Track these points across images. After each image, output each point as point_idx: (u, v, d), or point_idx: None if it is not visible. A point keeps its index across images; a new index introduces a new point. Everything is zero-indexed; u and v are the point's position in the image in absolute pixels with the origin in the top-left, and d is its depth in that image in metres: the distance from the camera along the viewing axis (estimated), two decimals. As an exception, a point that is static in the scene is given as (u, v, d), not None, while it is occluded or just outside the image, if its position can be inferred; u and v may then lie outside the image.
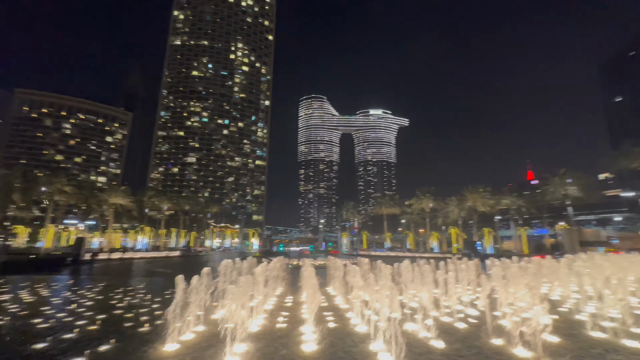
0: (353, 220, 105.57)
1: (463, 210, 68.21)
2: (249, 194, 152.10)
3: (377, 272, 13.70)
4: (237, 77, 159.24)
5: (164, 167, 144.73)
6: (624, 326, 7.97)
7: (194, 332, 8.08)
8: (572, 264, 17.57)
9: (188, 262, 45.87)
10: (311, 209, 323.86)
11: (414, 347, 7.03)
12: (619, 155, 59.21)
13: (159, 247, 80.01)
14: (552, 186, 60.11)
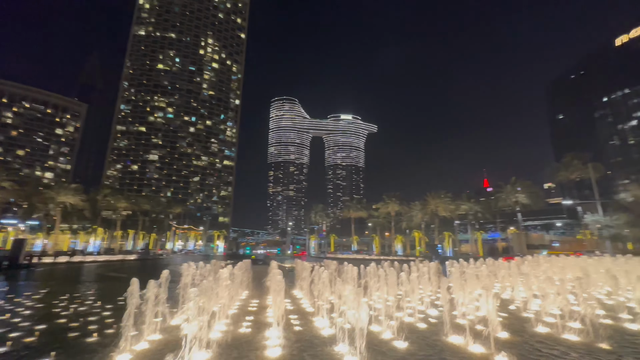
0: (322, 223, 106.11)
1: (426, 215, 71.47)
2: (215, 194, 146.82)
3: (344, 275, 13.84)
4: (206, 74, 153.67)
5: (122, 164, 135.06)
6: (564, 321, 8.76)
7: (149, 341, 7.55)
8: (520, 265, 19.10)
9: (146, 265, 43.04)
10: (280, 212, 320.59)
11: (377, 347, 7.16)
12: (561, 167, 65.77)
13: (113, 249, 74.32)
14: (505, 193, 65.11)
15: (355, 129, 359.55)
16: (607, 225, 46.35)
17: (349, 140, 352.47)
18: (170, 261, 52.69)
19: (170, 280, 9.37)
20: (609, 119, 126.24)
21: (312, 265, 15.54)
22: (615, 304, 10.97)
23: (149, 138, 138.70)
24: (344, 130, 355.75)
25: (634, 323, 9.29)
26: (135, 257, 59.63)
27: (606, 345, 7.34)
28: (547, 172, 74.22)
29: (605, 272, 16.11)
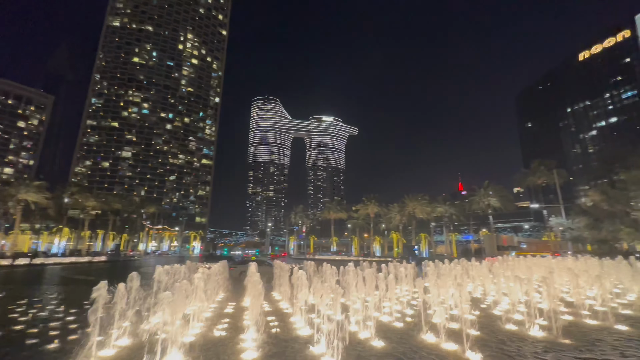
0: (301, 224, 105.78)
1: (404, 217, 73.09)
2: (192, 194, 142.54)
3: (323, 276, 13.84)
4: (185, 70, 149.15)
5: (91, 160, 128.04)
6: (531, 318, 9.21)
7: (117, 347, 7.16)
8: (491, 265, 19.94)
9: (116, 267, 41.02)
10: (259, 212, 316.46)
11: (355, 347, 7.20)
12: (529, 172, 69.55)
13: (80, 251, 70.20)
14: (478, 197, 67.89)
15: (336, 130, 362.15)
16: (569, 227, 49.48)
17: (330, 141, 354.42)
18: (143, 263, 50.49)
19: (142, 283, 8.96)
20: (572, 129, 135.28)
21: (291, 267, 15.43)
22: (576, 301, 11.67)
23: (122, 134, 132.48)
24: (325, 132, 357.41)
25: (593, 319, 9.94)
26: (105, 259, 56.64)
27: (568, 340, 7.79)
28: (516, 177, 78.18)
29: (567, 271, 17.13)
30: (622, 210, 43.12)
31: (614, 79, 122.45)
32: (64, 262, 46.52)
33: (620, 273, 16.32)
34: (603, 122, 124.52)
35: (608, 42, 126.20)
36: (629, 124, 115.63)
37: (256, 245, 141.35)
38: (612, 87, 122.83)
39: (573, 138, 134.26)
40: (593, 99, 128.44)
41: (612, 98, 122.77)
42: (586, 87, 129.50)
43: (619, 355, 6.76)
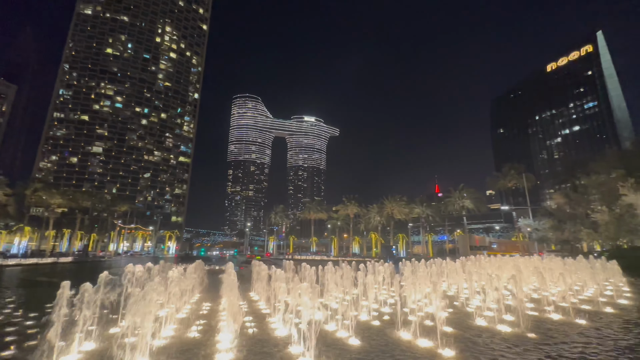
0: (281, 224, 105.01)
1: (382, 217, 74.38)
2: (168, 192, 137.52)
3: (301, 276, 13.78)
4: (162, 63, 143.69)
5: (58, 155, 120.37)
6: (499, 314, 9.64)
7: (82, 352, 6.75)
8: (464, 265, 20.70)
9: (83, 269, 38.83)
10: (238, 212, 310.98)
11: (332, 346, 7.21)
12: (500, 176, 72.90)
13: (44, 251, 65.81)
14: (453, 199, 70.32)
15: (318, 131, 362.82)
16: (535, 228, 52.30)
17: (311, 142, 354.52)
18: (113, 264, 48.14)
19: (111, 285, 8.52)
20: (539, 136, 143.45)
21: (270, 266, 15.26)
22: (541, 298, 12.36)
23: (92, 128, 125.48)
24: (307, 132, 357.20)
25: (556, 314, 10.54)
26: (72, 260, 53.46)
27: (533, 335, 8.22)
28: (489, 180, 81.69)
29: (534, 269, 18.09)
30: (583, 212, 46.17)
31: (577, 90, 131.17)
32: (24, 263, 43.46)
33: (580, 271, 17.47)
34: (567, 130, 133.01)
35: (573, 55, 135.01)
36: (590, 132, 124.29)
37: (235, 245, 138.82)
38: (575, 98, 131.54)
39: (540, 144, 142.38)
40: (559, 108, 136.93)
41: (576, 108, 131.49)
42: (553, 96, 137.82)
43: (580, 347, 7.20)
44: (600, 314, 10.73)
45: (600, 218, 35.24)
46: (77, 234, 77.02)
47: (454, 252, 73.07)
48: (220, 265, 35.72)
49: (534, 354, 6.80)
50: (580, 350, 7.06)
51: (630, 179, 30.36)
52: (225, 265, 17.16)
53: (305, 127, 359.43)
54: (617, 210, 32.26)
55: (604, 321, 9.72)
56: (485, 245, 73.42)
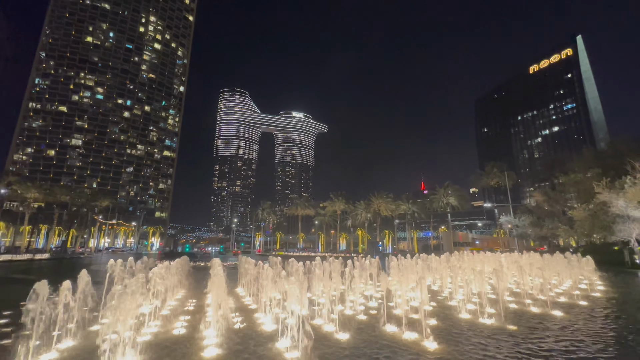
0: (269, 220, 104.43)
1: (369, 214, 75.12)
2: (152, 187, 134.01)
3: (289, 272, 13.76)
4: (146, 54, 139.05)
5: (34, 147, 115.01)
6: (482, 308, 9.93)
7: (60, 350, 6.52)
8: (448, 260, 21.19)
9: (61, 266, 37.44)
10: (224, 208, 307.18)
11: (319, 340, 7.24)
12: (483, 174, 74.89)
13: (19, 247, 63.11)
14: (438, 196, 71.76)
15: (306, 127, 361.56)
16: (516, 225, 54.16)
17: (299, 138, 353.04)
18: (93, 260, 46.69)
19: (92, 282, 8.25)
20: (521, 135, 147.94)
21: (256, 263, 15.17)
22: (521, 291, 12.81)
23: (71, 120, 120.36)
24: (295, 128, 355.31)
25: (535, 307, 10.96)
26: (49, 257, 51.49)
27: (513, 326, 8.52)
28: (472, 178, 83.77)
29: (514, 264, 18.75)
30: (560, 210, 48.13)
31: (557, 91, 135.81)
32: (-3, 260, 41.52)
33: (557, 266, 18.20)
34: (547, 131, 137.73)
35: (554, 58, 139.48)
36: (569, 133, 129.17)
37: (220, 242, 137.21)
38: (555, 99, 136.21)
39: (521, 144, 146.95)
40: (539, 109, 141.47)
41: (555, 109, 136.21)
42: (534, 97, 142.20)
43: (554, 338, 7.52)
44: (575, 306, 11.23)
45: (576, 215, 36.79)
46: (54, 229, 74.18)
47: (439, 248, 74.75)
48: (205, 262, 35.29)
49: (511, 342, 7.05)
50: (554, 338, 7.36)
51: (604, 178, 31.78)
52: (210, 261, 16.87)
53: (293, 122, 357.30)
54: (592, 207, 33.76)
55: (577, 311, 10.18)
56: (468, 241, 75.52)
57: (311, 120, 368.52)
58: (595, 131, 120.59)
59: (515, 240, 54.24)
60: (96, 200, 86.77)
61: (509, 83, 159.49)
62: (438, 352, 6.52)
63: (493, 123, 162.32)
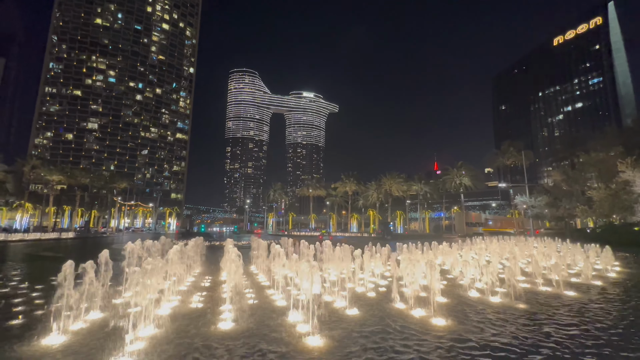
0: (280, 201, 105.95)
1: (381, 194, 74.98)
2: (167, 169, 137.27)
3: (299, 251, 14.09)
4: (155, 35, 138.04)
5: (53, 131, 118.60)
6: (493, 287, 9.97)
7: (87, 321, 7.01)
8: (460, 240, 21.15)
9: (86, 244, 39.49)
10: (237, 189, 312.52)
11: (330, 315, 7.51)
12: (499, 153, 72.77)
13: (46, 227, 66.67)
14: (451, 176, 70.60)
15: (317, 107, 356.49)
16: (531, 205, 53.04)
17: (310, 118, 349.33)
18: (115, 240, 48.97)
19: (114, 259, 8.69)
20: (541, 112, 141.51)
21: (269, 242, 15.57)
22: (533, 271, 12.72)
23: (86, 103, 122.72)
24: (306, 108, 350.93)
25: (546, 287, 10.93)
26: (74, 236, 54.27)
27: (522, 305, 8.56)
28: (487, 158, 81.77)
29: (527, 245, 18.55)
30: (579, 189, 46.61)
31: (583, 65, 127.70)
32: (27, 238, 44.10)
33: (572, 247, 17.90)
34: (569, 107, 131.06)
35: (581, 28, 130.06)
36: (592, 109, 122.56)
37: (234, 222, 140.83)
38: (580, 73, 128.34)
39: (541, 121, 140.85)
40: (563, 84, 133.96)
41: (580, 84, 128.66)
42: (558, 72, 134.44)
43: (565, 315, 7.53)
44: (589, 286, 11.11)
45: (595, 195, 35.64)
46: (77, 210, 77.66)
47: (450, 229, 74.44)
48: (221, 241, 36.41)
49: (521, 319, 7.11)
50: (565, 316, 7.37)
51: (629, 156, 30.37)
52: (224, 241, 17.41)
53: (304, 103, 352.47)
54: (613, 187, 32.57)
55: (591, 292, 10.10)
56: (481, 222, 74.74)
57: (322, 100, 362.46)
58: (622, 106, 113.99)
59: (530, 221, 53.32)
60: (114, 182, 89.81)
61: (530, 57, 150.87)
62: (446, 328, 6.66)
63: (511, 100, 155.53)
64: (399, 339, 6.05)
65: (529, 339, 6.04)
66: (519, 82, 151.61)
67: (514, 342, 5.87)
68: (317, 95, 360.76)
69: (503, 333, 6.38)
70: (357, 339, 6.02)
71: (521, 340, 5.97)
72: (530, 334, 6.32)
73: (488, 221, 77.95)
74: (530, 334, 6.36)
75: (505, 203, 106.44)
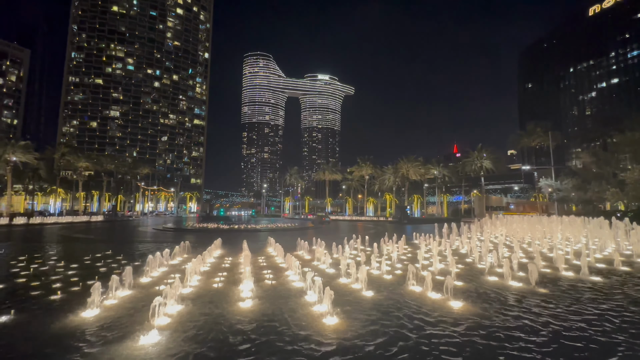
0: (297, 185, 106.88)
1: (397, 178, 73.96)
2: (186, 155, 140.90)
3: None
4: (169, 21, 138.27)
5: (78, 120, 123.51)
6: (512, 271, 9.78)
7: (119, 298, 7.50)
8: (479, 224, 20.74)
9: (115, 227, 41.77)
10: (254, 174, 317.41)
11: (345, 296, 7.65)
12: (524, 134, 69.40)
13: (77, 211, 70.83)
14: (471, 159, 68.35)
15: (332, 90, 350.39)
16: (557, 188, 50.79)
17: (325, 102, 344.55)
18: (141, 223, 51.44)
19: (141, 241, 9.13)
20: (572, 90, 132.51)
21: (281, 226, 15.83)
22: (555, 256, 12.35)
23: (107, 92, 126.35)
24: (321, 91, 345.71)
25: (569, 271, 10.60)
26: (103, 219, 57.48)
27: (543, 289, 8.37)
28: (511, 139, 78.19)
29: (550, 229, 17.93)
30: (610, 172, 44.09)
31: (621, 36, 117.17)
32: (61, 221, 47.13)
33: (600, 231, 17.15)
34: (604, 83, 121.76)
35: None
36: (630, 85, 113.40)
37: (252, 206, 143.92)
38: (618, 45, 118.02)
39: (572, 99, 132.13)
40: (597, 58, 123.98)
41: (617, 57, 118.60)
42: (592, 45, 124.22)
43: (587, 301, 7.31)
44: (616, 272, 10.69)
45: (628, 177, 33.63)
46: (105, 195, 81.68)
47: (470, 213, 72.91)
48: (239, 224, 37.48)
49: (534, 300, 6.97)
50: (585, 302, 7.16)
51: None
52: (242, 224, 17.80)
53: (319, 86, 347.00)
54: (649, 169, 30.56)
55: (615, 278, 9.71)
56: (502, 205, 72.66)
57: (337, 82, 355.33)
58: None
59: (555, 205, 51.30)
60: (137, 168, 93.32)
61: (563, 30, 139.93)
62: (462, 310, 6.64)
63: (539, 77, 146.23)
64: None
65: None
66: (548, 57, 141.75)
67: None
68: (333, 78, 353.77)
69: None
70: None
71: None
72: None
73: (509, 205, 75.61)
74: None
75: (528, 186, 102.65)
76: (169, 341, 5.12)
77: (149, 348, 4.87)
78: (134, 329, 5.58)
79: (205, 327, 5.72)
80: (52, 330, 5.61)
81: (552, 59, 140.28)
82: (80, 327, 5.71)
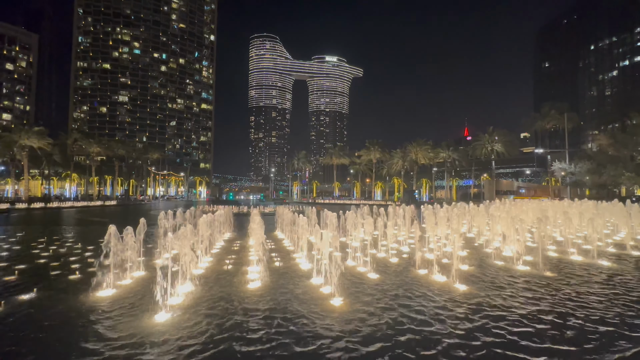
0: (304, 169, 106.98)
1: (406, 162, 73.20)
2: (195, 140, 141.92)
3: (324, 218, 14.40)
4: (174, 2, 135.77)
5: (88, 105, 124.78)
6: (520, 255, 9.75)
7: (133, 278, 7.81)
8: (487, 208, 20.52)
9: (128, 210, 42.97)
10: (262, 158, 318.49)
11: (351, 278, 7.80)
12: (538, 116, 67.20)
13: (91, 195, 72.89)
14: (482, 142, 66.86)
15: (340, 72, 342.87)
16: (570, 172, 49.59)
17: (333, 84, 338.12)
18: (152, 207, 52.72)
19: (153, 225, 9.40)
20: (591, 69, 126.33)
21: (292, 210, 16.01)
22: (565, 241, 12.22)
23: (115, 77, 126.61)
24: (329, 74, 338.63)
25: (579, 256, 10.51)
26: (116, 203, 59.09)
27: (550, 273, 8.35)
28: (524, 122, 75.86)
29: (562, 213, 17.63)
30: (628, 155, 42.67)
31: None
32: (77, 205, 48.69)
33: (614, 215, 16.80)
34: (627, 62, 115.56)
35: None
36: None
37: (260, 190, 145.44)
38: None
39: (591, 79, 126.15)
40: (620, 34, 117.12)
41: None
42: (616, 20, 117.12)
43: (594, 285, 7.28)
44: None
45: (647, 161, 32.49)
46: (117, 180, 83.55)
47: (479, 197, 72.14)
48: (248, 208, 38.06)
49: (541, 283, 6.97)
50: (584, 284, 7.13)
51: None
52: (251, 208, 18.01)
53: (326, 68, 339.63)
54: (669, 152, 29.41)
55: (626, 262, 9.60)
56: (512, 189, 71.56)
57: (345, 64, 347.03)
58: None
59: (567, 189, 50.27)
60: (147, 153, 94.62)
61: (583, 4, 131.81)
62: (467, 292, 6.71)
63: (557, 56, 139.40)
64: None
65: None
66: (567, 34, 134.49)
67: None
68: (341, 59, 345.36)
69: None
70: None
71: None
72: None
73: (520, 189, 74.41)
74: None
75: (541, 170, 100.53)
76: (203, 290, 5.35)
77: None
78: (147, 307, 5.83)
79: (215, 305, 5.95)
80: (75, 304, 5.92)
81: (571, 37, 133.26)
82: (95, 303, 6.00)
